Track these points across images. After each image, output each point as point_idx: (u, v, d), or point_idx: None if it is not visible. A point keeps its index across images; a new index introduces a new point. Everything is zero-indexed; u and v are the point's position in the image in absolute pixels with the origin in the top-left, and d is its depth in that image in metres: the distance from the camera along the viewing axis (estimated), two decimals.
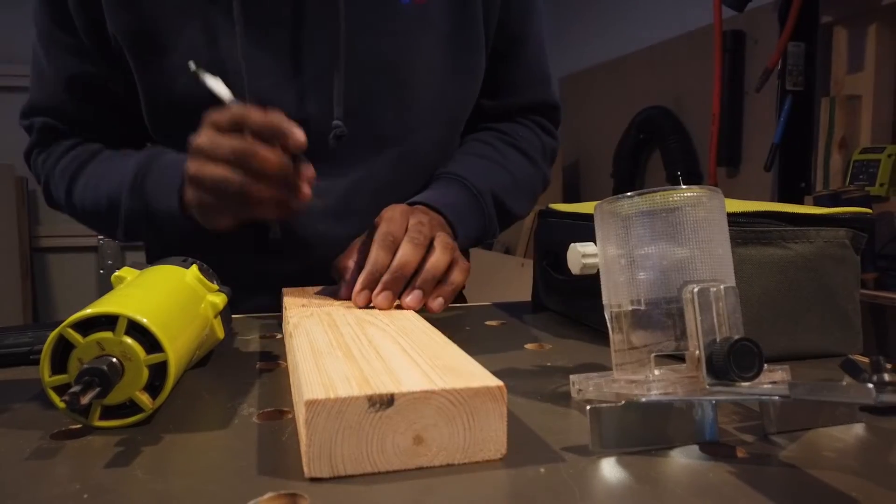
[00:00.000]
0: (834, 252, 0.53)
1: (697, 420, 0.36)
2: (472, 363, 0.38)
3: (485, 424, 0.34)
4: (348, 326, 0.49)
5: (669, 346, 0.38)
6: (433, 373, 0.36)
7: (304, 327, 0.49)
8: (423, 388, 0.33)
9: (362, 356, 0.40)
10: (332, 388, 0.33)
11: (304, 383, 0.34)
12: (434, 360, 0.38)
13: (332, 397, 0.32)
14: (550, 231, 0.71)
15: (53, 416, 0.41)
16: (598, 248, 0.42)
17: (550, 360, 0.53)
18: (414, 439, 0.33)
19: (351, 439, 0.32)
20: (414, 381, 0.34)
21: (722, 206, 0.39)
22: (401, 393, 0.32)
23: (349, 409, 0.32)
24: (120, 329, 0.38)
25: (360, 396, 0.32)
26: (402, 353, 0.40)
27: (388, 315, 0.54)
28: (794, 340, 0.52)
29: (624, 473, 0.33)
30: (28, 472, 0.33)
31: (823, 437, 0.37)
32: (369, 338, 0.45)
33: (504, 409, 0.34)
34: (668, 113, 2.55)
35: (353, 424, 0.32)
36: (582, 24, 3.27)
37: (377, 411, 0.32)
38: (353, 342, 0.44)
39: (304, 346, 0.43)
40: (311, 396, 0.32)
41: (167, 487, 0.31)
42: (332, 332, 0.47)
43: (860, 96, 1.78)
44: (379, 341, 0.44)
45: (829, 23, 1.83)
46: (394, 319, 0.52)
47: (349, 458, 0.32)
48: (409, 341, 0.44)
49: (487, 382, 0.34)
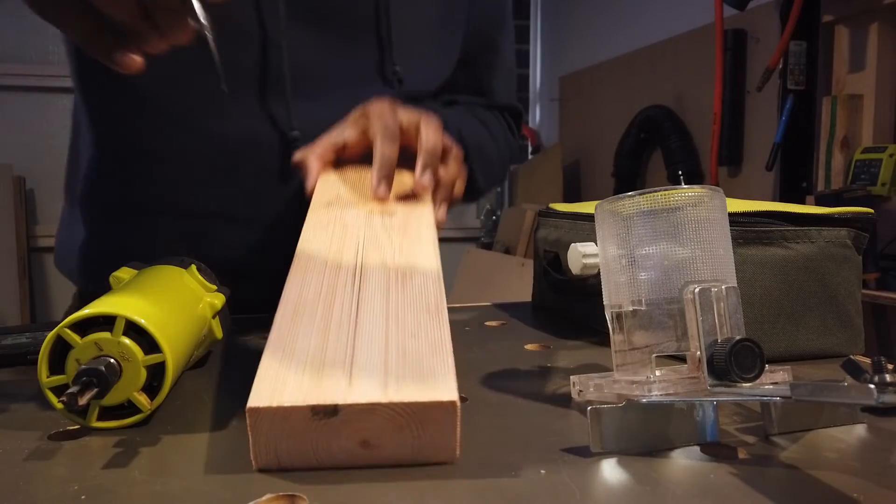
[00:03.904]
0: (836, 252, 0.52)
1: (698, 421, 0.36)
2: (441, 357, 0.36)
3: (436, 433, 0.33)
4: (352, 254, 0.47)
5: (670, 346, 0.38)
6: (393, 369, 0.34)
7: (307, 255, 0.47)
8: (369, 399, 0.32)
9: (339, 325, 0.38)
10: (278, 394, 0.32)
11: (257, 377, 0.34)
12: (406, 340, 0.37)
13: (275, 406, 0.32)
14: (550, 231, 0.71)
15: (51, 416, 0.40)
16: (599, 247, 0.42)
17: (551, 361, 0.53)
18: (361, 444, 0.33)
19: (296, 441, 0.32)
20: (363, 389, 0.33)
21: (723, 206, 0.39)
22: (346, 404, 0.32)
23: (293, 416, 0.32)
24: (118, 329, 0.38)
25: (304, 406, 0.32)
26: (381, 325, 0.38)
27: (402, 243, 0.50)
28: (795, 341, 0.52)
29: (625, 474, 0.32)
30: (26, 473, 0.33)
31: (825, 438, 0.37)
32: (362, 285, 0.43)
33: (457, 420, 0.33)
34: (668, 112, 2.55)
35: (298, 428, 0.32)
36: (582, 24, 3.27)
37: (321, 420, 0.32)
38: (343, 291, 0.42)
39: (291, 296, 0.42)
40: (253, 404, 0.32)
41: (166, 488, 0.31)
42: (329, 275, 0.44)
43: (862, 95, 1.77)
44: (367, 296, 0.41)
45: (831, 22, 1.83)
46: (405, 251, 0.48)
47: (295, 456, 0.33)
48: (401, 297, 0.41)
49: (440, 396, 0.32)
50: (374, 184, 0.57)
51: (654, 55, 2.67)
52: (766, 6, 2.05)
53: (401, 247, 0.48)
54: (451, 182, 0.63)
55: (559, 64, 3.43)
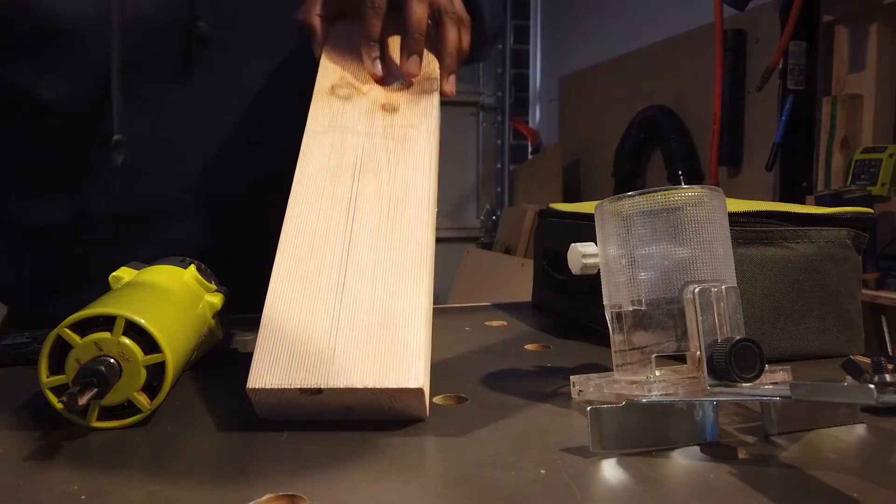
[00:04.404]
0: (835, 252, 0.52)
1: (698, 421, 0.36)
2: (414, 327, 0.40)
3: (408, 402, 0.38)
4: (347, 183, 0.48)
5: (670, 346, 0.38)
6: (372, 348, 0.39)
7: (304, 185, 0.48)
8: (347, 384, 0.37)
9: (327, 293, 0.42)
10: (271, 375, 0.38)
11: (254, 359, 0.39)
12: (387, 300, 0.41)
13: (269, 387, 0.38)
14: (550, 231, 0.71)
15: (51, 416, 0.40)
16: (599, 247, 0.42)
17: (551, 361, 0.53)
18: (345, 409, 0.39)
19: (290, 405, 0.39)
20: (344, 373, 0.38)
21: (723, 206, 0.39)
22: (328, 388, 0.37)
23: (285, 393, 0.38)
24: (118, 329, 0.38)
25: (293, 389, 0.38)
26: (368, 279, 0.42)
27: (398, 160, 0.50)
28: (795, 341, 0.52)
29: (624, 474, 0.32)
30: (26, 473, 0.33)
31: (825, 438, 0.37)
32: (353, 229, 0.45)
33: (424, 398, 0.38)
34: (668, 112, 2.54)
35: (291, 399, 0.38)
36: (582, 24, 3.27)
37: (309, 396, 0.38)
38: (334, 243, 0.44)
39: (287, 245, 0.45)
40: (251, 385, 0.38)
41: (165, 488, 0.31)
42: (322, 215, 0.46)
43: (861, 95, 1.77)
44: (357, 247, 0.44)
45: (831, 21, 1.82)
46: (400, 172, 0.49)
47: (292, 414, 0.39)
48: (388, 247, 0.44)
49: (408, 384, 0.37)
50: (367, 64, 0.55)
51: (654, 55, 2.67)
52: (766, 6, 2.05)
53: (397, 165, 0.50)
54: (454, 47, 0.58)
55: (559, 64, 3.43)
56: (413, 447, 0.36)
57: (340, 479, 0.32)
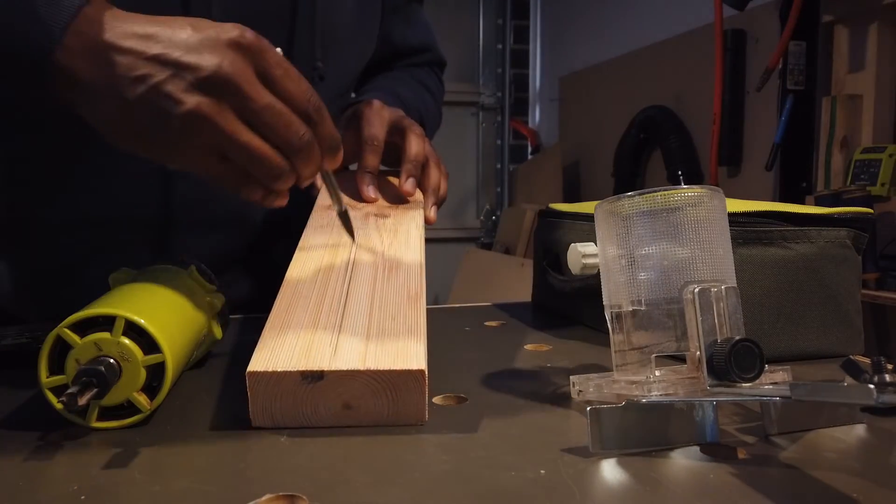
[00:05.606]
0: (835, 252, 0.52)
1: (698, 421, 0.36)
2: (415, 336, 0.41)
3: (407, 399, 0.38)
4: (346, 251, 0.54)
5: (670, 346, 0.38)
6: (372, 344, 0.40)
7: (307, 251, 0.54)
8: (350, 367, 0.38)
9: (330, 307, 0.45)
10: (273, 361, 0.38)
11: (257, 347, 0.40)
12: (386, 321, 0.43)
13: (270, 371, 0.37)
14: (550, 231, 0.71)
15: (51, 417, 0.40)
16: (599, 248, 0.42)
17: (550, 361, 0.53)
18: (343, 406, 0.38)
19: (287, 401, 0.38)
20: (346, 359, 0.38)
21: (723, 206, 0.39)
22: (330, 370, 0.38)
23: (285, 380, 0.38)
24: (118, 330, 0.38)
25: (294, 371, 0.37)
26: (366, 308, 0.45)
27: (392, 242, 0.56)
28: (795, 341, 0.52)
29: (624, 474, 0.32)
30: (25, 474, 0.33)
31: (824, 438, 0.37)
32: (353, 276, 0.50)
33: (424, 387, 0.38)
34: (668, 112, 2.54)
35: (290, 390, 0.38)
36: (582, 24, 3.27)
37: (309, 383, 0.38)
38: (336, 281, 0.49)
39: (290, 283, 0.48)
40: (252, 369, 0.37)
41: (165, 488, 0.31)
42: (324, 267, 0.51)
43: (861, 96, 1.77)
44: (356, 285, 0.48)
45: (830, 22, 1.82)
46: (394, 248, 0.55)
47: (287, 416, 0.38)
48: (386, 286, 0.48)
49: (410, 366, 0.38)
50: (362, 188, 0.64)
51: (654, 55, 2.67)
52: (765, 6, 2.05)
53: (391, 244, 0.55)
54: (437, 186, 0.68)
55: (559, 64, 3.43)
56: (413, 447, 0.36)
57: (340, 479, 0.32)
